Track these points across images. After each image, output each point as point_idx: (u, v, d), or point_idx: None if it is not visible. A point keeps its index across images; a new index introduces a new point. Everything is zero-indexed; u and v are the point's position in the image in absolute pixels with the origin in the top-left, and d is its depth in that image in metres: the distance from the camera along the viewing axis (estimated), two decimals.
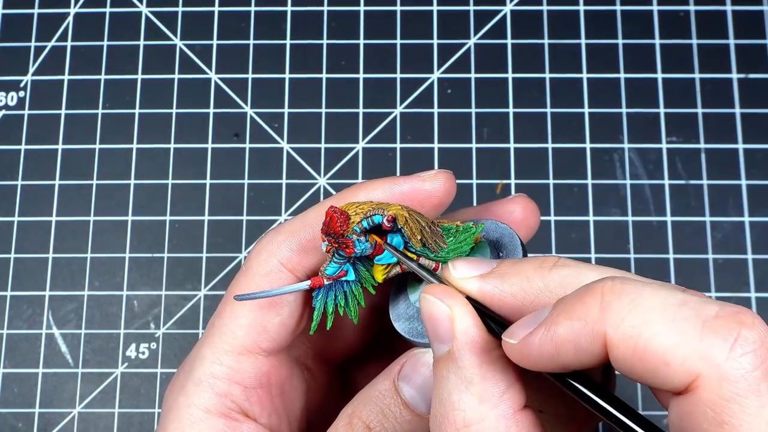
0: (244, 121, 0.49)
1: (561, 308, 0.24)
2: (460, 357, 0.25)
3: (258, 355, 0.31)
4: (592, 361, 0.23)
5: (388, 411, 0.28)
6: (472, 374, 0.25)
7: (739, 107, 0.49)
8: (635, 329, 0.22)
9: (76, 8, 0.51)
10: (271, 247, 0.31)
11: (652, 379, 0.22)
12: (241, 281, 0.31)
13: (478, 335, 0.25)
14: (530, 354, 0.24)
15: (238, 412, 0.30)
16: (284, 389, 0.32)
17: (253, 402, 0.30)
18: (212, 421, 0.30)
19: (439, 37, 0.50)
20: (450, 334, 0.25)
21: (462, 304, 0.26)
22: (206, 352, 0.31)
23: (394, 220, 0.28)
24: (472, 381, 0.25)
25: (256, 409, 0.31)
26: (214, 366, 0.30)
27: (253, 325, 0.30)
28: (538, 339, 0.23)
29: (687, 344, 0.21)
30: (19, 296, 0.47)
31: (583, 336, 0.23)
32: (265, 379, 0.31)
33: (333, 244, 0.28)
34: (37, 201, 0.48)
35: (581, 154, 0.48)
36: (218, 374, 0.30)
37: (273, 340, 0.31)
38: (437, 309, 0.26)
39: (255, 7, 0.51)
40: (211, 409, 0.30)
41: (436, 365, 0.26)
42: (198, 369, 0.30)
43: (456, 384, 0.25)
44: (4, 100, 0.50)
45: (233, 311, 0.31)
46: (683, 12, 0.50)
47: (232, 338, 0.30)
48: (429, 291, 0.27)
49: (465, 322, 0.26)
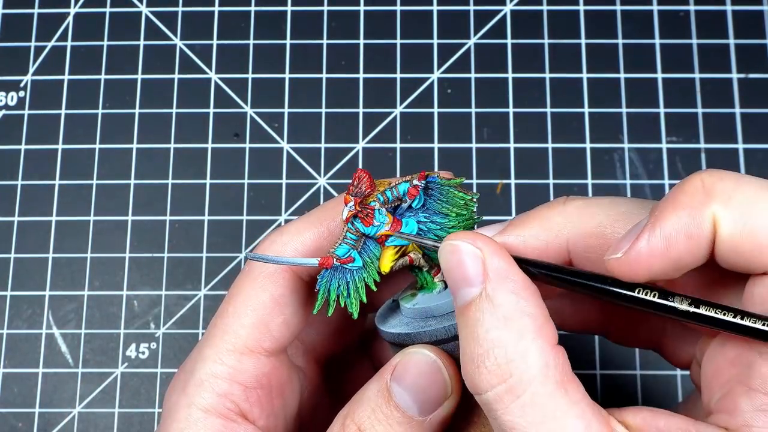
0: (244, 121, 0.49)
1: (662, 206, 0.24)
2: (496, 295, 0.25)
3: (260, 355, 0.31)
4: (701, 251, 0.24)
5: (380, 412, 0.28)
6: (511, 311, 0.25)
7: (739, 107, 0.49)
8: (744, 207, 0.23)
9: (76, 8, 0.51)
10: (275, 247, 0.31)
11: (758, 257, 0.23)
12: (244, 281, 0.31)
13: (512, 272, 0.25)
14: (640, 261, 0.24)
15: (237, 413, 0.30)
16: (283, 390, 0.32)
17: (252, 402, 0.30)
18: (210, 421, 0.29)
19: (439, 37, 0.50)
20: (482, 274, 0.25)
21: (492, 244, 0.26)
22: (208, 351, 0.31)
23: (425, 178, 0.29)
24: (511, 317, 0.25)
25: (255, 410, 0.31)
26: (216, 365, 0.30)
27: (256, 324, 0.30)
28: (645, 242, 0.24)
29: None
30: (19, 296, 0.47)
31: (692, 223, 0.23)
32: (266, 379, 0.31)
33: (357, 208, 0.29)
34: (37, 201, 0.48)
35: (581, 154, 0.48)
36: (219, 374, 0.30)
37: (275, 339, 0.31)
38: (466, 251, 0.26)
39: (255, 7, 0.51)
40: (210, 410, 0.30)
41: (467, 309, 0.25)
42: (199, 369, 0.30)
43: (493, 322, 0.25)
44: (4, 100, 0.50)
45: (236, 311, 0.31)
46: (683, 12, 0.50)
47: (234, 338, 0.30)
48: (454, 237, 0.26)
49: (498, 260, 0.25)
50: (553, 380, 0.24)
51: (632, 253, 0.24)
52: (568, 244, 0.27)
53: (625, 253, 0.24)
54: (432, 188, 0.30)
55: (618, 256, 0.24)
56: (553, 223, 0.27)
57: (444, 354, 0.28)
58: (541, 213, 0.27)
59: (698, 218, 0.23)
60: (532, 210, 0.28)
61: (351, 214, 0.29)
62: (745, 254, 0.23)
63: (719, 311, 0.24)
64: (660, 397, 0.45)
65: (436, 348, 0.28)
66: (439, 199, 0.30)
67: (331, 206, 0.32)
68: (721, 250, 0.24)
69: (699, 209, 0.23)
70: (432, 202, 0.30)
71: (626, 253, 0.24)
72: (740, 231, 0.23)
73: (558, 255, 0.27)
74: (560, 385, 0.24)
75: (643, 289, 0.25)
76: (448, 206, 0.30)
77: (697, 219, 0.23)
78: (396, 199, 0.30)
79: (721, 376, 0.25)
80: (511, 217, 0.42)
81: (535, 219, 0.27)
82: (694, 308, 0.24)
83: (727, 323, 0.24)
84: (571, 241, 0.27)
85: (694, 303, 0.24)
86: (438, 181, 0.30)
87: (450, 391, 0.28)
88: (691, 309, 0.24)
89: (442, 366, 0.28)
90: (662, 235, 0.24)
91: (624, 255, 0.24)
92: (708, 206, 0.23)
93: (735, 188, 0.23)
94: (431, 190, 0.30)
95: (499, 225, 0.28)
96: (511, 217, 0.47)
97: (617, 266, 0.24)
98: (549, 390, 0.24)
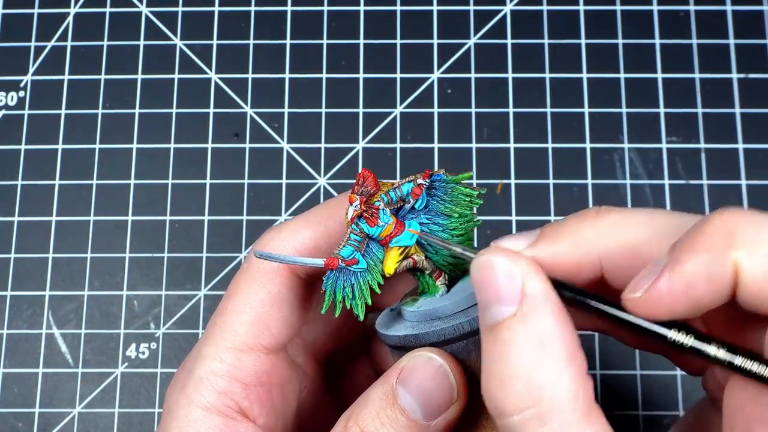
0: (244, 121, 0.49)
1: (682, 246, 0.23)
2: (533, 317, 0.24)
3: (259, 353, 0.31)
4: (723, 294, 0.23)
5: (384, 415, 0.28)
6: (548, 335, 0.24)
7: (739, 107, 0.49)
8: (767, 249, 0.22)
9: (76, 8, 0.51)
10: (274, 244, 0.31)
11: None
12: (242, 279, 0.31)
13: (550, 295, 0.25)
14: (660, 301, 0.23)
15: (237, 411, 0.30)
16: (283, 388, 0.32)
17: (252, 400, 0.30)
18: (210, 419, 0.29)
19: (439, 37, 0.50)
20: (518, 294, 0.24)
21: (530, 263, 0.25)
22: (207, 350, 0.31)
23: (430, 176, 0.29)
24: (548, 341, 0.24)
25: (255, 408, 0.31)
26: (215, 363, 0.30)
27: (254, 322, 0.31)
28: (665, 283, 0.23)
29: None
30: (19, 296, 0.47)
31: (713, 267, 0.23)
32: (266, 377, 0.31)
33: (362, 207, 0.28)
34: (37, 201, 0.48)
35: (581, 154, 0.48)
36: (219, 371, 0.30)
37: (274, 337, 0.31)
38: (503, 269, 0.25)
39: (255, 7, 0.51)
40: (210, 408, 0.30)
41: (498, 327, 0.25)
42: (199, 367, 0.30)
43: (527, 345, 0.24)
44: (4, 100, 0.50)
45: (235, 309, 0.31)
46: (683, 12, 0.50)
47: (233, 335, 0.30)
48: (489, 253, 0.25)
49: (537, 281, 0.25)
50: (581, 410, 0.24)
51: (652, 294, 0.23)
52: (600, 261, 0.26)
53: (644, 292, 0.24)
54: (436, 187, 0.30)
55: (637, 296, 0.24)
56: (585, 239, 0.26)
57: (451, 358, 0.28)
58: (573, 227, 0.26)
59: (720, 263, 0.23)
60: (562, 222, 0.27)
61: (356, 213, 0.29)
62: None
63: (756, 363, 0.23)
64: (660, 397, 0.45)
65: (443, 351, 0.28)
66: (442, 199, 0.30)
67: (331, 205, 0.32)
68: (743, 294, 0.23)
69: (721, 253, 0.23)
70: (434, 202, 0.30)
71: (646, 293, 0.24)
72: (764, 277, 0.22)
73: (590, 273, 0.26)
74: (587, 417, 0.24)
75: (678, 329, 0.24)
76: (451, 206, 0.30)
77: (718, 263, 0.23)
78: (399, 200, 0.29)
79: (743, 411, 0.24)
80: (512, 217, 0.42)
81: (567, 234, 0.26)
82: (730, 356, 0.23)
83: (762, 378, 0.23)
84: (603, 257, 0.26)
85: (730, 350, 0.24)
86: (443, 179, 0.30)
87: (456, 396, 0.28)
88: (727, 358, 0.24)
89: (448, 370, 0.28)
90: (682, 277, 0.23)
91: (644, 295, 0.24)
92: (730, 250, 0.23)
93: (758, 232, 0.23)
94: (435, 190, 0.30)
95: (526, 235, 0.27)
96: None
97: (636, 305, 0.24)
98: (576, 419, 0.24)
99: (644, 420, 0.44)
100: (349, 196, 0.29)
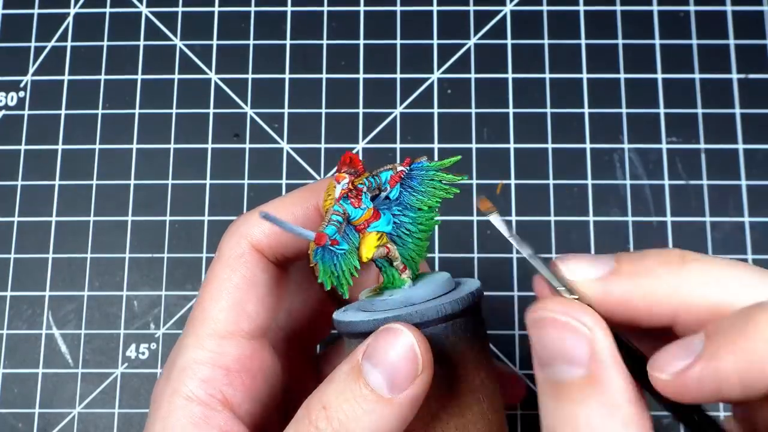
0: (244, 121, 0.49)
1: (720, 340, 0.22)
2: (606, 381, 0.23)
3: (240, 338, 0.31)
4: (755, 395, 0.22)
5: (347, 391, 0.27)
6: (620, 399, 0.23)
7: (739, 107, 0.49)
8: None
9: (76, 8, 0.51)
10: (244, 229, 0.32)
11: None
12: (216, 267, 0.32)
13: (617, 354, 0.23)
14: (688, 389, 0.23)
15: (219, 401, 0.30)
16: (266, 375, 0.32)
17: (236, 387, 0.30)
18: (190, 408, 0.29)
19: (439, 37, 0.50)
20: (587, 355, 0.23)
21: (601, 323, 0.24)
22: (189, 340, 0.31)
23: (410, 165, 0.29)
24: (619, 406, 0.23)
25: (239, 395, 0.31)
26: (197, 351, 0.30)
27: (232, 306, 0.31)
28: (697, 374, 0.22)
29: None
30: (19, 296, 0.47)
31: (751, 372, 0.22)
32: (248, 362, 0.31)
33: (350, 186, 0.28)
34: (37, 201, 0.48)
35: (581, 154, 0.48)
36: (201, 359, 0.30)
37: (253, 320, 0.31)
38: (570, 327, 0.23)
39: (255, 7, 0.51)
40: (192, 397, 0.30)
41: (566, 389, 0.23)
42: (181, 357, 0.30)
43: (600, 409, 0.23)
44: (4, 100, 0.50)
45: (212, 296, 0.31)
46: (683, 12, 0.50)
47: (213, 322, 0.31)
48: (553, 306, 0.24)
49: (608, 341, 0.23)
50: None
51: (681, 380, 0.23)
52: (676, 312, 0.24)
53: (674, 377, 0.23)
54: (413, 177, 0.29)
55: (666, 378, 0.23)
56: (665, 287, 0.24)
57: (417, 332, 0.27)
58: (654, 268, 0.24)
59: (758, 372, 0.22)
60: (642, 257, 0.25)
61: (344, 192, 0.28)
62: None
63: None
64: None
65: (410, 325, 0.27)
66: (415, 190, 0.30)
67: (312, 188, 0.32)
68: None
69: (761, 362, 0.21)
70: (406, 194, 0.30)
71: (676, 377, 0.23)
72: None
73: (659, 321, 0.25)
74: None
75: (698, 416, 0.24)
76: (423, 198, 0.29)
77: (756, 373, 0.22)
78: (376, 187, 0.29)
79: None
80: (512, 217, 0.41)
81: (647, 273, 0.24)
82: None
83: None
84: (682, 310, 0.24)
85: None
86: (424, 165, 0.29)
87: (420, 368, 0.27)
88: None
89: (414, 341, 0.27)
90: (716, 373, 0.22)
91: (673, 379, 0.23)
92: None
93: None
94: (411, 180, 0.29)
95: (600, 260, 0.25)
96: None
97: (663, 387, 0.23)
98: None
99: None
100: (336, 175, 0.29)
